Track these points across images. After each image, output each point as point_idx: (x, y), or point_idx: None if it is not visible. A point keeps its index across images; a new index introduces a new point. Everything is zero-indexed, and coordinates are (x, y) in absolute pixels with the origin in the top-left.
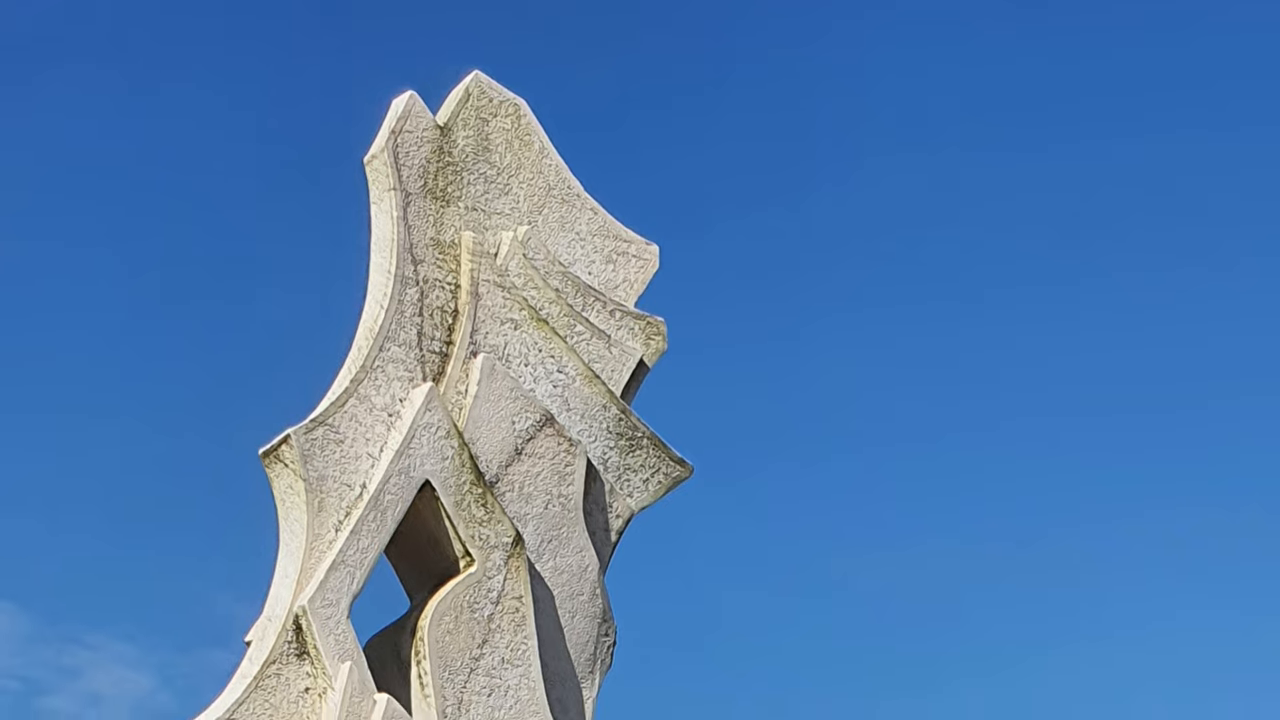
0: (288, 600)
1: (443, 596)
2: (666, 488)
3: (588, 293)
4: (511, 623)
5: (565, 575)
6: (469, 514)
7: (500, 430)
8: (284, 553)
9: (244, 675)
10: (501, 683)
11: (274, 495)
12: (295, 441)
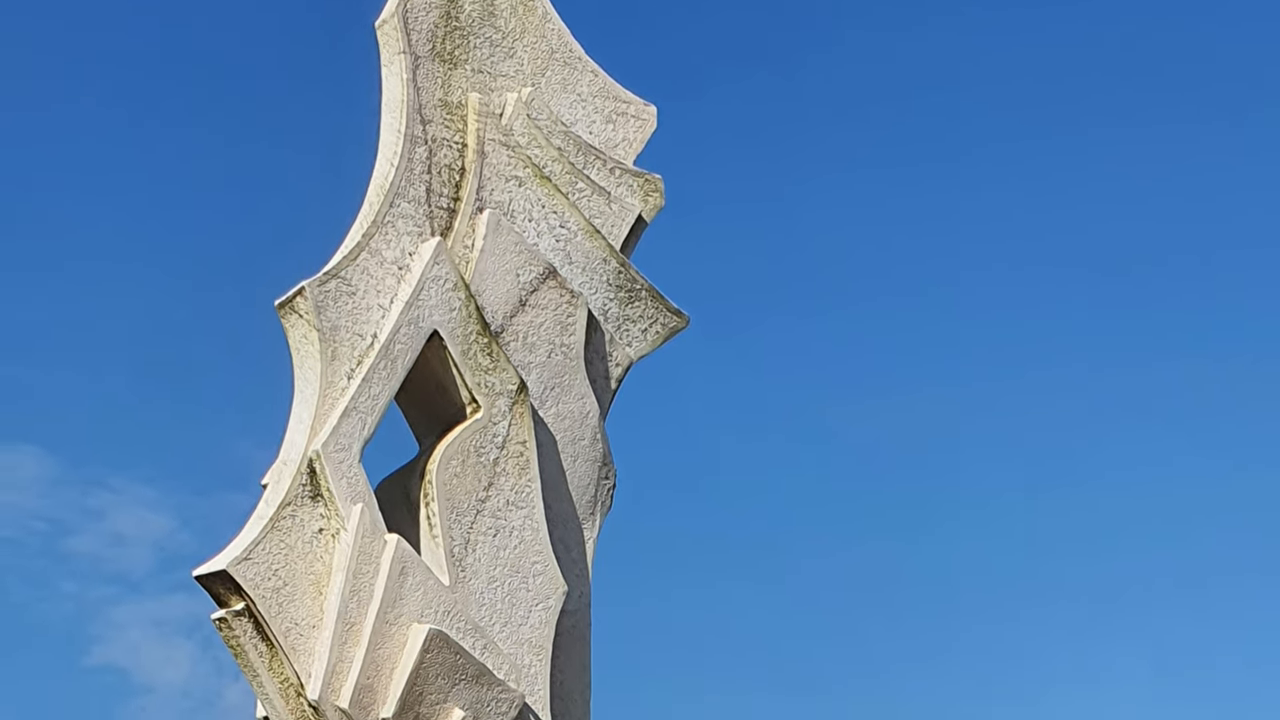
0: (302, 445)
1: (450, 441)
2: (664, 337)
3: (588, 151)
4: (516, 466)
5: (567, 421)
6: (475, 362)
7: (505, 282)
8: (298, 400)
9: (260, 517)
10: (506, 523)
11: (289, 345)
12: (309, 293)
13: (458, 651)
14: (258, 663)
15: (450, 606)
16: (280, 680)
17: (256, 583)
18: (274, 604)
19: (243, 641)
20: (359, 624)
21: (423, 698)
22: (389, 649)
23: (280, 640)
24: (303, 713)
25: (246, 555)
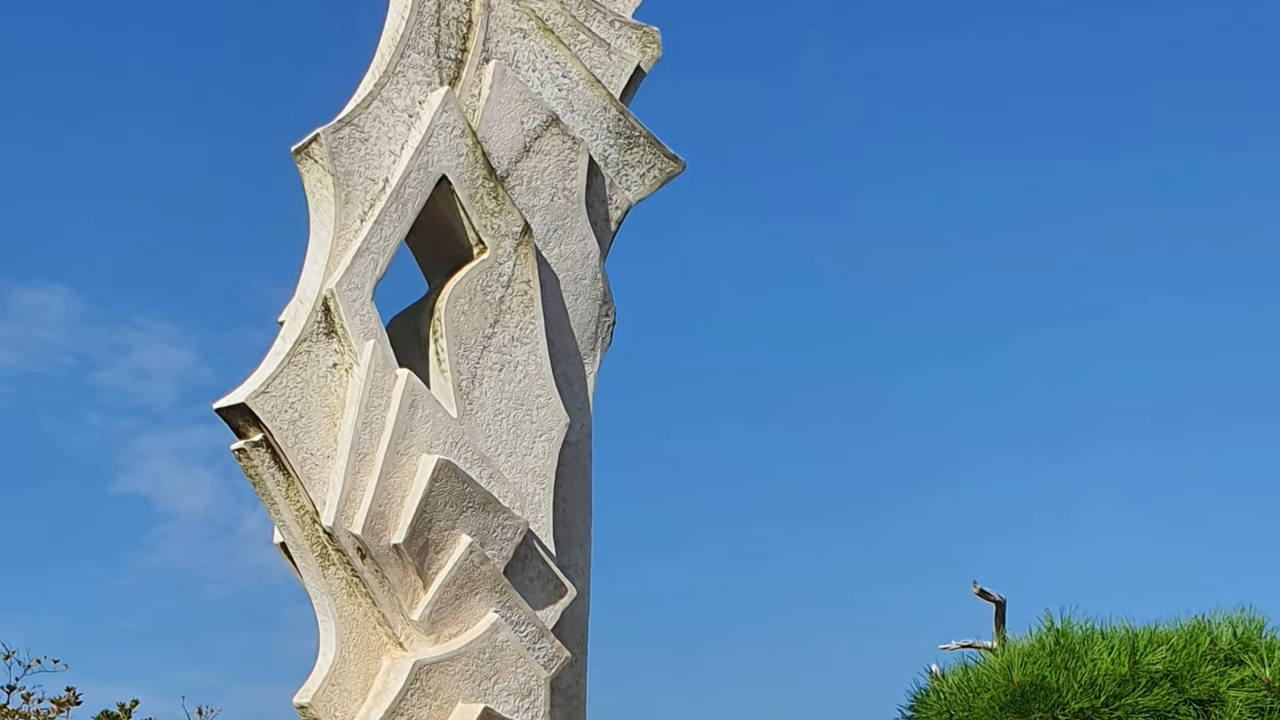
0: (317, 284)
1: (458, 281)
2: (661, 182)
3: (589, 5)
4: (520, 304)
5: (569, 261)
6: (482, 205)
7: (510, 129)
8: (314, 242)
9: (277, 352)
10: (511, 358)
11: (305, 190)
12: (324, 140)
13: (465, 480)
14: (275, 491)
15: (458, 438)
16: (296, 508)
17: (273, 415)
18: (290, 435)
19: (260, 471)
20: (371, 454)
21: (432, 524)
22: (400, 478)
23: (296, 470)
24: (317, 539)
25: (264, 389)
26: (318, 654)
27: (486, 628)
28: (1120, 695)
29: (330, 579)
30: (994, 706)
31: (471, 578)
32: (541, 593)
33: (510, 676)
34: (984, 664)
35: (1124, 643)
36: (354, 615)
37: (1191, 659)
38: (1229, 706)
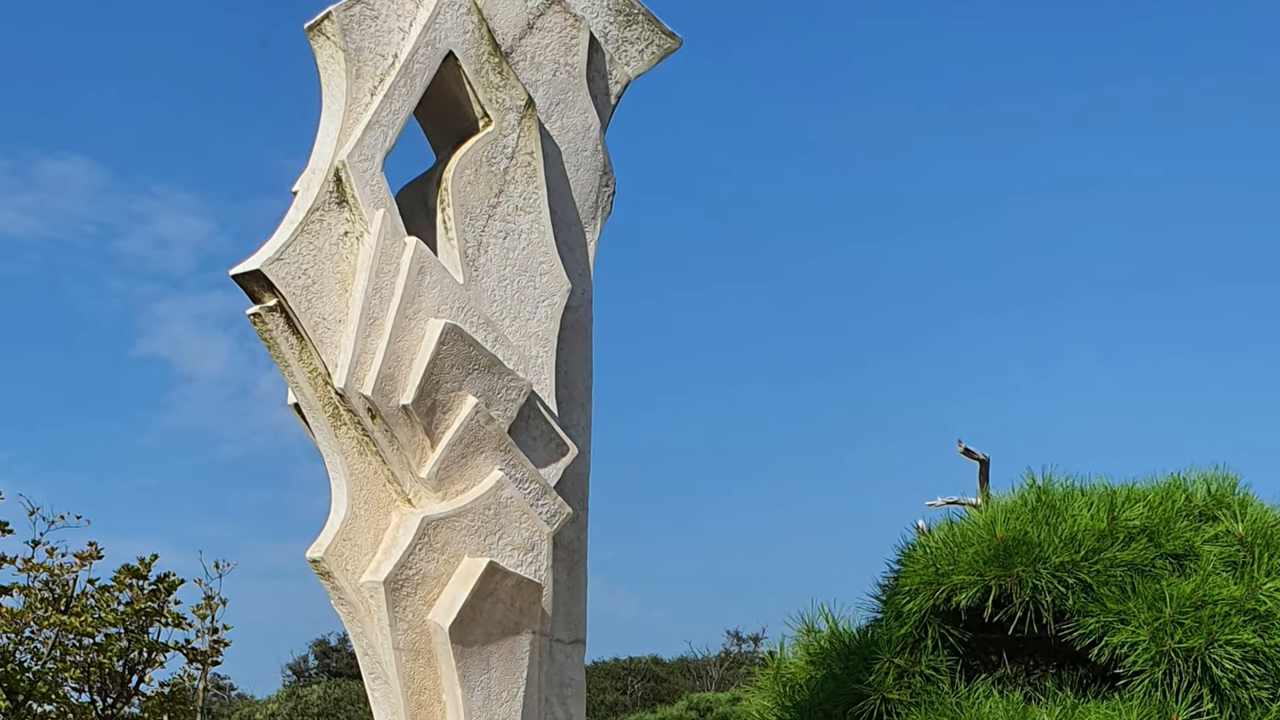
0: (329, 156)
1: (464, 152)
2: (659, 58)
3: None
4: (524, 175)
5: (571, 134)
6: (487, 80)
7: (514, 7)
8: (326, 115)
9: (291, 221)
10: (515, 227)
11: (318, 65)
12: (335, 17)
13: (471, 344)
14: (289, 354)
15: (464, 303)
16: (309, 370)
17: (287, 281)
18: (303, 300)
19: (275, 335)
20: (381, 319)
21: (439, 386)
22: (408, 342)
23: (309, 334)
24: (329, 399)
25: (278, 256)
26: (330, 510)
27: (491, 485)
28: (1099, 550)
29: (341, 438)
30: (978, 560)
31: (477, 437)
32: (544, 451)
33: (514, 531)
34: (968, 520)
35: (1102, 499)
36: (364, 473)
37: (1167, 515)
38: (1203, 560)
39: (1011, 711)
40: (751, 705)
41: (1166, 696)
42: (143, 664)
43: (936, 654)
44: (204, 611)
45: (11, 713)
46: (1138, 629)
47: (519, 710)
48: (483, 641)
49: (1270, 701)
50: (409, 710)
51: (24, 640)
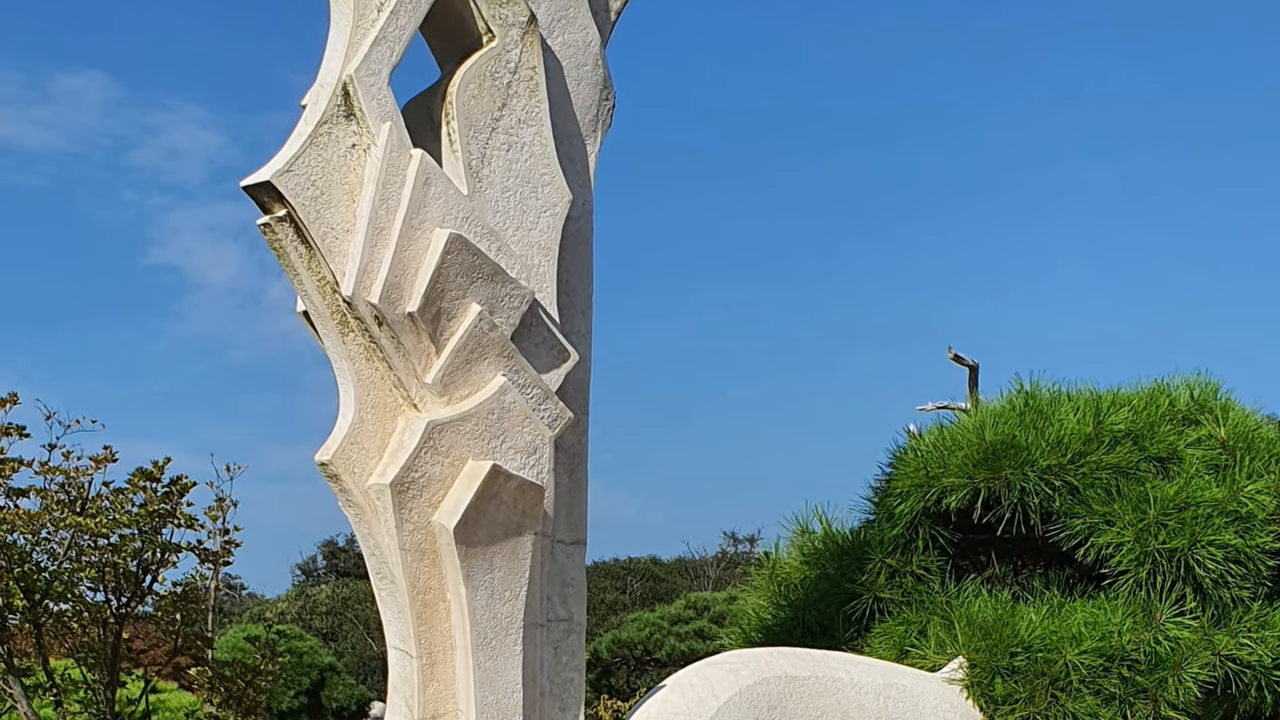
0: (337, 70)
1: (468, 67)
2: None
3: None
4: (527, 89)
5: (572, 49)
6: None
7: None
8: (334, 30)
9: (300, 134)
10: (518, 139)
11: None
12: None
13: (475, 253)
14: (298, 263)
15: (468, 213)
16: (318, 279)
17: (296, 192)
18: (312, 211)
19: (284, 244)
20: (388, 229)
21: (444, 294)
22: (414, 251)
23: (318, 243)
24: (337, 307)
25: (288, 168)
26: (338, 415)
27: (495, 390)
28: (1085, 453)
29: (349, 345)
30: (967, 463)
31: (481, 344)
32: (546, 357)
33: (517, 435)
34: (958, 424)
35: (1088, 404)
36: (371, 379)
37: (1151, 419)
38: (1186, 463)
39: (1000, 610)
40: (748, 604)
41: (1150, 596)
42: (156, 564)
43: (927, 554)
44: (215, 513)
45: (29, 611)
46: (1122, 530)
47: (521, 609)
48: (486, 542)
49: (1251, 600)
50: (415, 609)
51: (41, 541)
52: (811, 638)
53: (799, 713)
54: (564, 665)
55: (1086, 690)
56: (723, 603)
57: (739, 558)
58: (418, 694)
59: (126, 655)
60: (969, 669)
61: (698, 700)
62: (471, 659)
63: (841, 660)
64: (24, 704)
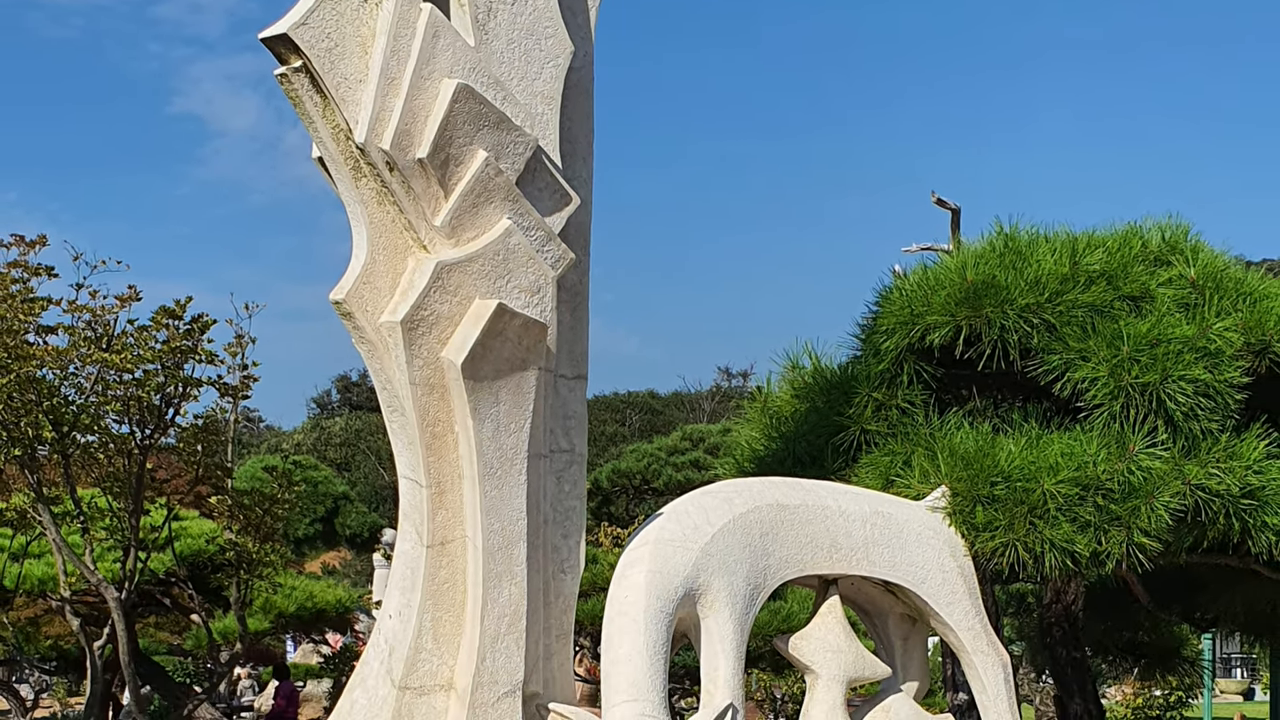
0: None
1: None
2: None
3: None
4: None
5: None
6: None
7: None
8: None
9: None
10: None
11: None
12: None
13: (481, 102)
14: (313, 112)
15: (475, 64)
16: (332, 126)
17: (312, 44)
18: (327, 62)
19: (300, 94)
20: (398, 79)
21: (452, 141)
22: (424, 100)
23: (332, 93)
24: (351, 154)
25: (304, 21)
26: (351, 256)
27: (500, 232)
28: (1062, 292)
29: (362, 189)
30: (950, 302)
31: (487, 188)
32: (549, 201)
33: (521, 275)
34: (941, 265)
35: (1065, 245)
36: (383, 221)
37: (1125, 260)
38: (1158, 302)
39: (981, 442)
40: (741, 436)
41: (1124, 428)
42: (178, 398)
43: (911, 389)
44: (234, 349)
45: (57, 442)
46: (1097, 365)
47: (526, 440)
48: (492, 377)
49: (1220, 433)
50: (424, 441)
51: (69, 376)
52: (801, 468)
53: (789, 539)
54: (566, 494)
55: (1063, 518)
56: (717, 434)
57: (732, 392)
58: (427, 521)
59: (150, 484)
60: (951, 498)
61: (693, 527)
62: (478, 488)
63: (830, 489)
64: (53, 531)
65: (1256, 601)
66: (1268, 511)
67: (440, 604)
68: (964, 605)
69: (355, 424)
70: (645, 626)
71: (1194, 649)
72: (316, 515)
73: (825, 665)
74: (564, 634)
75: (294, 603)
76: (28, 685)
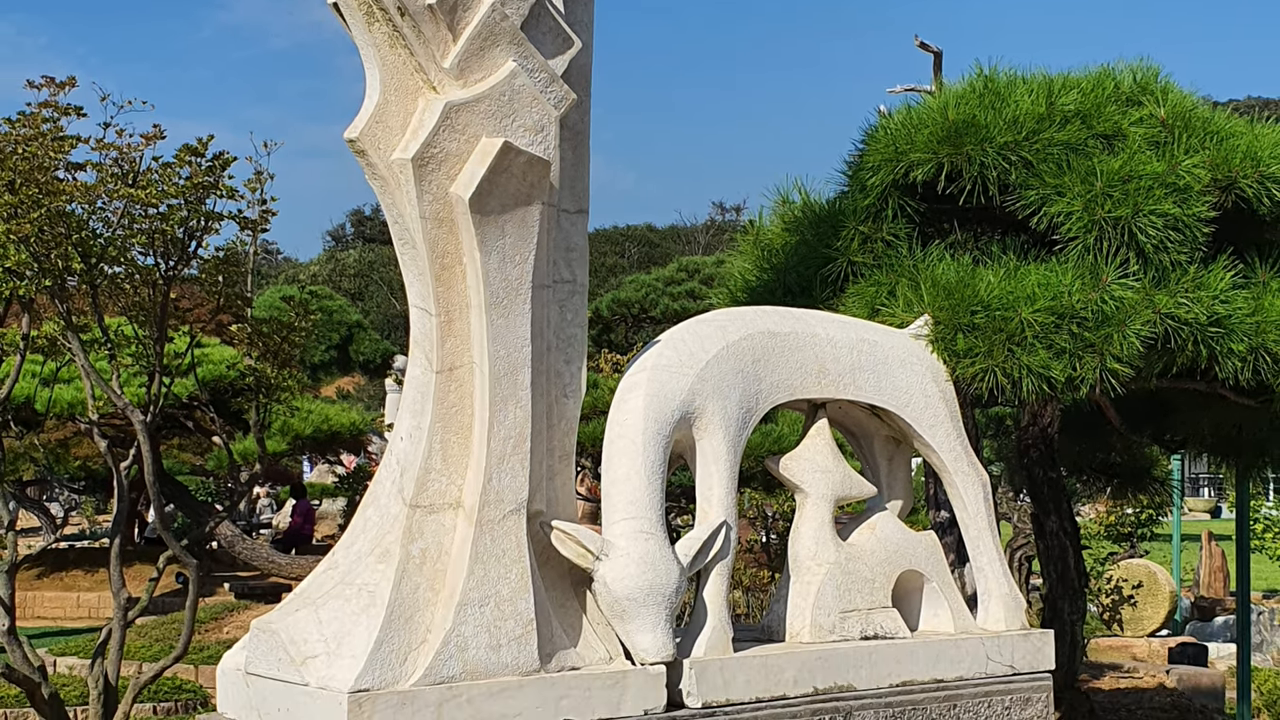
0: None
1: None
2: None
3: None
4: None
5: None
6: None
7: None
8: None
9: None
10: None
11: None
12: None
13: None
14: None
15: None
16: None
17: None
18: None
19: None
20: None
21: None
22: None
23: None
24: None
25: None
26: (365, 96)
27: (506, 74)
28: (1038, 131)
29: (375, 33)
30: (932, 140)
31: (493, 32)
32: (552, 45)
33: (526, 115)
34: (924, 105)
35: (1041, 87)
36: (395, 64)
37: (1098, 100)
38: (1130, 140)
39: (961, 272)
40: (734, 267)
41: (1097, 260)
42: (200, 231)
43: (896, 222)
44: (254, 185)
45: (86, 273)
46: (1072, 200)
47: (530, 271)
48: (498, 211)
49: (1188, 264)
50: (434, 272)
51: (96, 210)
52: (791, 298)
53: (780, 365)
54: (568, 322)
55: (1040, 344)
56: (711, 266)
57: (726, 225)
58: (436, 348)
59: (173, 313)
60: (933, 326)
61: (689, 354)
62: (485, 316)
63: (818, 318)
64: (81, 357)
65: (1223, 424)
66: (1233, 339)
67: (449, 426)
68: (945, 428)
69: (368, 256)
70: (643, 448)
71: (1164, 469)
72: (331, 342)
73: (814, 485)
74: (566, 455)
75: (310, 425)
76: (57, 504)
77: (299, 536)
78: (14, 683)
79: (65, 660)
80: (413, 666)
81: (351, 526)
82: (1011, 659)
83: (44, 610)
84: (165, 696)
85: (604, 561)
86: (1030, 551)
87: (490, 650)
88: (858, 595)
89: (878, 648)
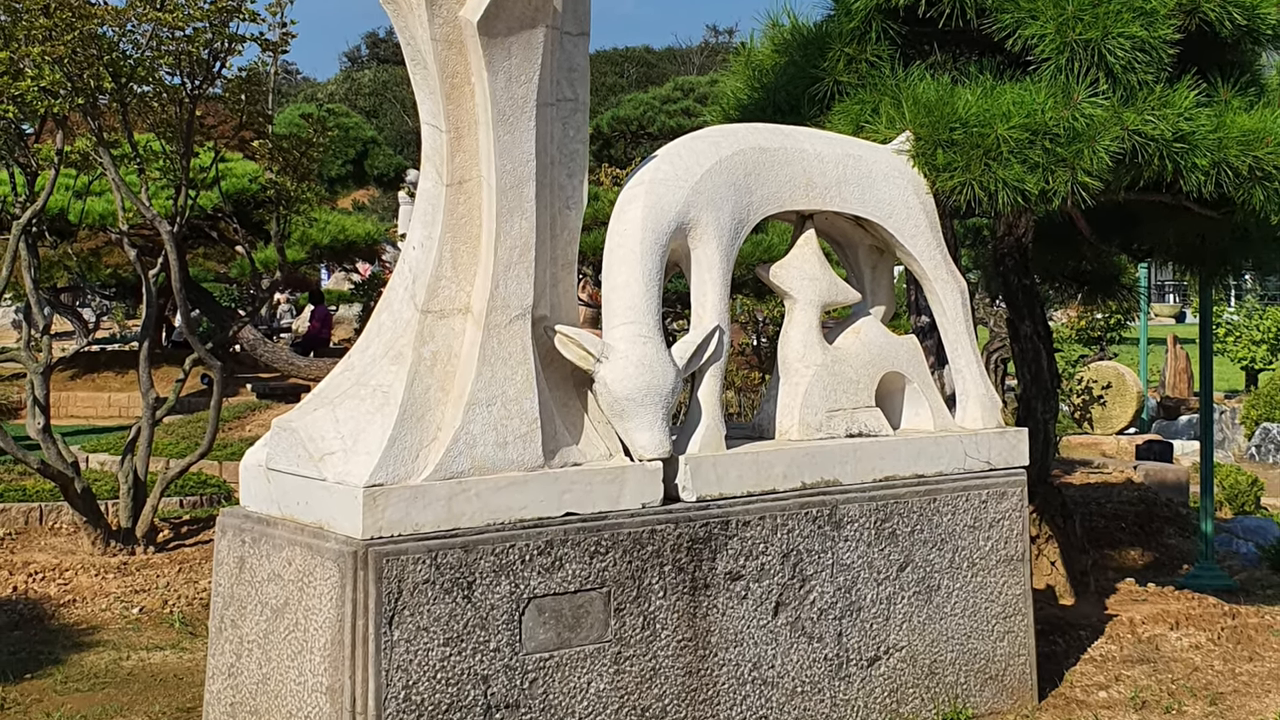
0: None
1: None
2: None
3: None
4: None
5: None
6: None
7: None
8: None
9: None
10: None
11: None
12: None
13: None
14: None
15: None
16: None
17: None
18: None
19: None
20: None
21: None
22: None
23: None
24: None
25: None
26: None
27: None
28: None
29: None
30: None
31: None
32: None
33: None
34: None
35: None
36: None
37: None
38: None
39: (941, 91)
40: (727, 86)
41: (1069, 79)
42: (224, 52)
43: (879, 44)
44: (275, 8)
45: (116, 92)
46: (1045, 23)
47: (535, 90)
48: (505, 34)
49: (1155, 84)
50: (443, 90)
51: (126, 33)
52: (781, 115)
53: (770, 178)
54: (570, 138)
55: (1014, 159)
56: (705, 85)
57: (720, 47)
58: (446, 162)
59: (199, 130)
60: (915, 142)
61: (685, 168)
62: (492, 132)
63: (806, 134)
64: (112, 171)
65: (1186, 234)
66: (1196, 154)
67: (458, 236)
68: (926, 237)
69: (383, 76)
70: (641, 257)
71: (1131, 276)
72: (348, 157)
73: (802, 291)
74: (569, 264)
75: (328, 235)
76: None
77: (317, 340)
78: (49, 478)
79: (97, 456)
80: (424, 463)
81: (366, 331)
82: (988, 455)
83: (77, 409)
84: (191, 491)
85: (604, 363)
86: (1005, 354)
87: (497, 447)
88: (843, 395)
89: (862, 445)
